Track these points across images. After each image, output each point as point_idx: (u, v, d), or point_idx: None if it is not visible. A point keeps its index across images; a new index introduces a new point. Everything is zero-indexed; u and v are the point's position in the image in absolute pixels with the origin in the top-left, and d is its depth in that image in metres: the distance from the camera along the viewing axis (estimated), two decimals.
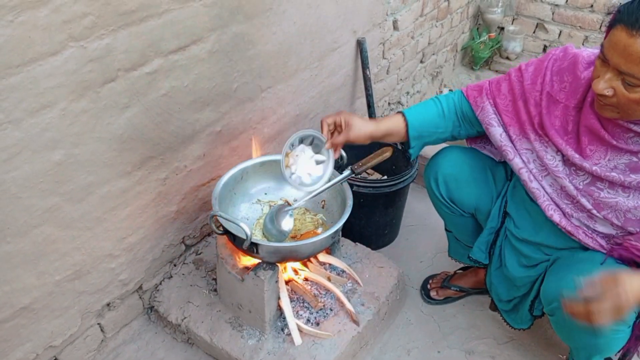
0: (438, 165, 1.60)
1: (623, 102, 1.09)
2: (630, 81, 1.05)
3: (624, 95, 1.08)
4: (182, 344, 1.67)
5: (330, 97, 2.23)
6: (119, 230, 1.50)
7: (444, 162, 1.59)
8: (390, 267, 1.78)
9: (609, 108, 1.15)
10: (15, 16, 1.03)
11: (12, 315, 1.31)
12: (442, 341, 1.77)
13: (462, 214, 1.64)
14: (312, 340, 1.54)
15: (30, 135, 1.16)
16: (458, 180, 1.57)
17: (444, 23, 3.07)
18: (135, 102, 1.36)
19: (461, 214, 1.64)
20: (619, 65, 1.05)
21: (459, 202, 1.60)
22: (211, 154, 1.69)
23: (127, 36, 1.27)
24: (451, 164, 1.58)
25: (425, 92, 3.24)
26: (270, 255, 1.44)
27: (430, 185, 1.63)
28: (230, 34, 1.55)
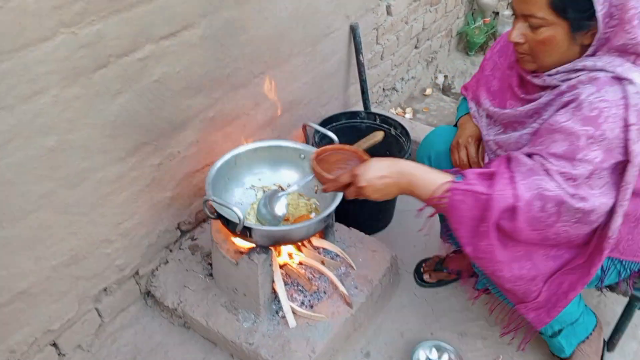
0: (431, 143, 1.65)
1: (533, 45, 1.19)
2: (533, 22, 1.15)
3: (532, 39, 1.18)
4: (179, 328, 1.70)
5: (324, 83, 2.24)
6: (114, 216, 1.51)
7: (437, 139, 1.64)
8: (383, 251, 1.81)
9: (526, 58, 1.24)
10: (5, 2, 1.04)
11: (10, 299, 1.33)
12: (435, 323, 1.79)
13: None
14: (306, 323, 1.56)
15: (23, 122, 1.17)
16: (450, 157, 1.60)
17: (438, 8, 3.07)
18: (127, 88, 1.37)
19: None
20: (522, 10, 1.16)
21: None
22: (205, 140, 1.70)
23: (117, 22, 1.27)
24: (443, 141, 1.62)
25: (420, 77, 3.25)
26: (263, 239, 1.46)
27: (423, 163, 1.65)
28: (221, 20, 1.56)
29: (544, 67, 1.23)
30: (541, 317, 1.30)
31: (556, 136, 1.12)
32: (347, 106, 2.50)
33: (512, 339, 1.59)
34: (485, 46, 3.61)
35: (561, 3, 1.10)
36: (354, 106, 2.54)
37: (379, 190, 1.18)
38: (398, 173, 1.17)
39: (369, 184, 1.17)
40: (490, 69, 1.50)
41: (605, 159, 1.09)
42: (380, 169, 1.18)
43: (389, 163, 1.20)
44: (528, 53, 1.23)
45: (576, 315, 1.45)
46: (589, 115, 1.08)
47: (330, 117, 2.18)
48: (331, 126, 2.17)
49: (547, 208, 1.10)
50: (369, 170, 1.18)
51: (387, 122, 2.18)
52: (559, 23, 1.13)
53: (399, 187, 1.18)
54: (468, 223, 1.15)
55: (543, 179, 1.10)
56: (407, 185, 1.17)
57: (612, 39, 1.12)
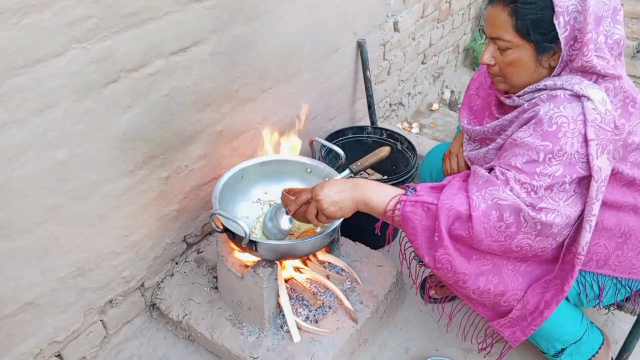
0: (432, 160, 1.68)
1: (502, 66, 1.24)
2: (501, 45, 1.21)
3: (501, 60, 1.23)
4: (183, 341, 1.70)
5: (331, 98, 2.26)
6: (121, 228, 1.53)
7: (438, 156, 1.66)
8: (389, 266, 1.80)
9: (498, 79, 1.30)
10: (20, 18, 1.06)
11: (17, 310, 1.34)
12: (441, 340, 1.78)
13: None
14: (310, 338, 1.56)
15: (34, 135, 1.19)
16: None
17: (445, 24, 3.09)
18: (137, 103, 1.39)
19: None
20: (491, 33, 1.22)
21: None
22: (212, 154, 1.72)
23: (129, 38, 1.30)
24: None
25: (426, 93, 3.26)
26: (269, 253, 1.46)
27: (425, 179, 1.70)
28: (231, 36, 1.58)
29: (515, 87, 1.27)
30: (517, 335, 1.32)
31: (517, 150, 1.15)
32: (353, 121, 2.51)
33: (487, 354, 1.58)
34: None
35: (524, 26, 1.15)
36: (360, 121, 2.56)
37: (334, 202, 1.23)
38: (352, 187, 1.23)
39: (325, 197, 1.23)
40: (476, 88, 1.54)
41: (567, 172, 1.11)
42: (336, 184, 1.25)
43: (345, 179, 1.28)
44: (499, 74, 1.28)
45: (579, 334, 1.44)
46: (548, 131, 1.11)
47: (337, 132, 2.20)
48: (338, 141, 2.18)
49: (505, 218, 1.12)
50: (325, 185, 1.25)
51: (393, 137, 2.19)
52: (524, 45, 1.18)
53: (353, 200, 1.22)
54: (421, 234, 1.18)
55: (499, 188, 1.12)
56: (361, 198, 1.22)
57: (573, 60, 1.16)
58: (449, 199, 1.14)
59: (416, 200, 1.16)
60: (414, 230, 1.18)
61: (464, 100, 1.59)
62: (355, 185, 1.23)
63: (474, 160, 1.42)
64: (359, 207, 1.24)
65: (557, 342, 1.43)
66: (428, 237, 1.18)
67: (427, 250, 1.20)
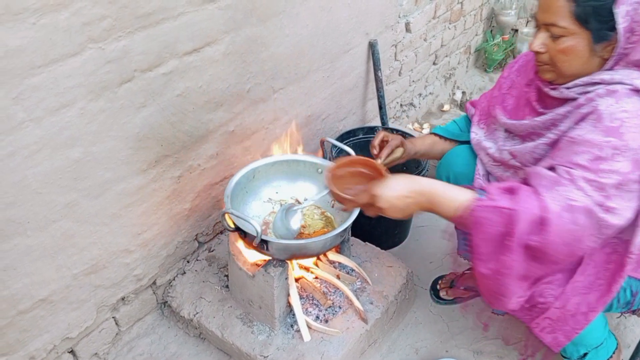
0: (450, 164, 1.64)
1: (553, 54, 1.20)
2: (555, 32, 1.16)
3: (553, 48, 1.19)
4: (194, 339, 1.71)
5: (342, 99, 2.26)
6: (134, 227, 1.54)
7: (456, 161, 1.63)
8: (399, 267, 1.80)
9: (545, 68, 1.25)
10: (38, 19, 1.08)
11: (31, 306, 1.36)
12: (451, 341, 1.78)
13: None
14: (320, 337, 1.56)
15: (51, 134, 1.21)
16: (470, 178, 1.59)
17: (457, 25, 3.08)
18: (151, 102, 1.41)
19: None
20: (544, 19, 1.18)
21: None
22: (224, 153, 1.73)
23: (143, 38, 1.31)
24: (463, 162, 1.61)
25: (437, 93, 3.25)
26: (280, 253, 1.47)
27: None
28: (243, 36, 1.59)
29: (563, 77, 1.23)
30: (559, 340, 1.28)
31: (578, 148, 1.11)
32: (364, 121, 2.52)
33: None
34: (503, 63, 3.60)
35: (584, 13, 1.11)
36: (371, 121, 2.56)
37: (399, 210, 1.17)
38: (418, 192, 1.16)
39: (389, 204, 1.17)
40: (508, 87, 1.50)
41: (633, 169, 1.07)
42: (400, 188, 1.17)
43: (408, 181, 1.18)
44: (548, 63, 1.23)
45: (602, 338, 1.42)
46: (610, 126, 1.08)
47: (348, 132, 2.20)
48: (348, 141, 2.18)
49: (577, 220, 1.07)
50: (388, 189, 1.17)
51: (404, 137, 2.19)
52: (581, 33, 1.14)
53: (419, 206, 1.17)
54: (492, 239, 1.12)
55: (567, 188, 1.08)
56: (427, 203, 1.17)
57: (631, 53, 1.13)
58: (527, 203, 1.09)
59: (492, 206, 1.11)
60: (485, 235, 1.12)
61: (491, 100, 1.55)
62: (421, 190, 1.16)
63: (517, 154, 1.37)
64: (424, 210, 1.19)
65: (582, 347, 1.42)
66: (498, 242, 1.12)
67: (491, 255, 1.14)
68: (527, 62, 1.47)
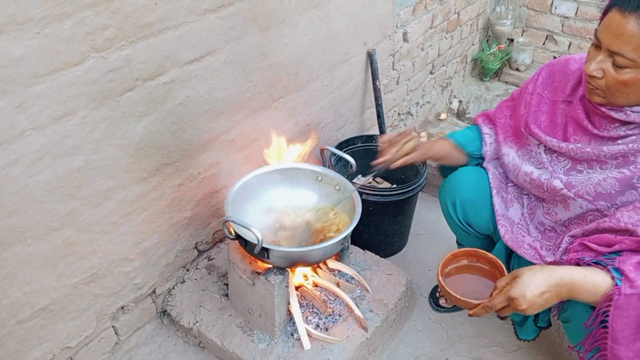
0: (456, 189, 1.59)
1: (611, 83, 1.14)
2: (620, 61, 1.10)
3: (612, 77, 1.13)
4: (194, 348, 1.70)
5: (341, 107, 2.27)
6: (134, 235, 1.54)
7: (463, 186, 1.59)
8: (398, 275, 1.81)
9: (597, 92, 1.20)
10: (42, 28, 1.09)
11: (31, 315, 1.35)
12: (450, 349, 1.78)
13: (478, 235, 1.64)
14: (321, 345, 1.56)
15: (53, 142, 1.21)
16: (476, 205, 1.57)
17: (453, 35, 3.11)
18: (152, 111, 1.41)
19: (477, 235, 1.65)
20: (610, 45, 1.10)
21: (476, 226, 1.60)
22: (224, 162, 1.74)
23: (145, 47, 1.32)
24: (470, 188, 1.57)
25: (435, 102, 3.27)
26: (280, 260, 1.47)
27: (447, 208, 1.63)
28: (244, 46, 1.60)
29: (615, 105, 1.20)
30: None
31: None
32: (362, 130, 2.53)
33: None
34: (499, 72, 3.64)
35: None
36: (369, 130, 2.57)
37: (540, 307, 1.13)
38: (558, 284, 1.12)
39: (531, 304, 1.12)
40: (537, 103, 1.43)
41: None
42: (539, 286, 1.12)
43: (545, 275, 1.13)
44: (601, 88, 1.18)
45: None
46: None
47: (347, 140, 2.21)
48: (347, 149, 2.19)
49: None
50: (526, 289, 1.11)
51: None
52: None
53: (560, 298, 1.14)
54: (633, 324, 1.09)
55: None
56: (567, 294, 1.13)
57: None
58: None
59: (634, 294, 1.06)
60: (626, 319, 1.08)
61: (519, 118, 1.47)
62: (560, 283, 1.12)
63: (576, 185, 1.31)
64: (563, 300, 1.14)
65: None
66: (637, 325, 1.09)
67: (631, 338, 1.10)
68: (552, 74, 1.42)
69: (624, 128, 1.22)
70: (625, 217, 1.19)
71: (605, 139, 1.26)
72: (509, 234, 1.49)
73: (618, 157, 1.24)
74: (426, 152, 1.55)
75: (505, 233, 1.49)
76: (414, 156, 1.52)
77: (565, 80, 1.38)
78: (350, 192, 1.58)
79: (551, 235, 1.45)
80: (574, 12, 3.30)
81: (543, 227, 1.46)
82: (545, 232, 1.46)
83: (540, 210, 1.46)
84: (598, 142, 1.28)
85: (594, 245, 1.21)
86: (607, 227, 1.24)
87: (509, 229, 1.50)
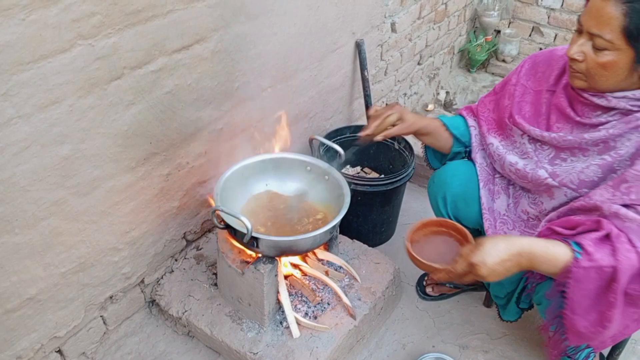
0: (446, 184, 1.60)
1: (591, 66, 1.17)
2: (599, 43, 1.13)
3: (592, 59, 1.16)
4: (183, 337, 1.71)
5: (329, 97, 2.28)
6: (122, 225, 1.54)
7: (453, 180, 1.59)
8: (386, 264, 1.82)
9: (579, 76, 1.22)
10: (27, 14, 1.07)
11: (19, 305, 1.35)
12: (437, 336, 1.81)
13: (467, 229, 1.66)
14: (310, 333, 1.58)
15: (39, 130, 1.20)
16: (466, 199, 1.57)
17: (441, 26, 3.12)
18: (140, 100, 1.40)
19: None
20: (590, 27, 1.14)
21: (466, 220, 1.60)
22: (212, 151, 1.73)
23: (133, 35, 1.31)
24: (460, 182, 1.58)
25: (422, 93, 3.29)
26: (269, 250, 1.48)
27: (437, 203, 1.63)
28: (232, 34, 1.60)
29: (595, 89, 1.21)
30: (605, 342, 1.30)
31: None
32: (351, 120, 2.54)
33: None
34: (486, 63, 3.66)
35: (636, 30, 1.08)
36: (358, 120, 2.58)
37: (500, 274, 1.16)
38: (518, 254, 1.14)
39: (490, 271, 1.14)
40: (521, 94, 1.45)
41: None
42: (500, 253, 1.14)
43: (506, 244, 1.15)
44: (582, 72, 1.20)
45: None
46: None
47: (335, 130, 2.22)
48: (335, 139, 2.20)
49: None
50: (488, 256, 1.14)
51: None
52: (626, 50, 1.11)
53: (519, 267, 1.16)
54: (591, 295, 1.12)
55: None
56: (528, 264, 1.16)
57: None
58: (626, 258, 1.08)
59: (593, 267, 1.10)
60: (583, 291, 1.12)
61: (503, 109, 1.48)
62: (520, 252, 1.14)
63: (561, 174, 1.33)
64: (523, 269, 1.17)
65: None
66: (596, 296, 1.12)
67: (590, 309, 1.14)
68: (535, 65, 1.44)
69: (605, 115, 1.24)
70: (597, 195, 1.22)
71: (587, 126, 1.28)
72: (492, 228, 1.51)
73: (599, 144, 1.25)
74: (413, 124, 1.53)
75: (488, 227, 1.51)
76: (398, 129, 1.51)
77: (549, 70, 1.40)
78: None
79: (534, 223, 1.47)
80: (560, 3, 3.33)
81: (526, 216, 1.49)
82: (529, 220, 1.48)
83: (526, 200, 1.48)
84: (580, 129, 1.30)
85: (560, 228, 1.24)
86: (579, 206, 1.27)
87: (492, 223, 1.52)
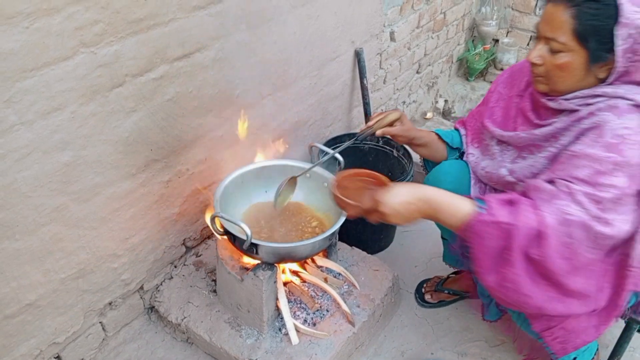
0: (440, 182, 1.60)
1: (549, 68, 1.22)
2: (554, 46, 1.18)
3: (550, 62, 1.21)
4: (182, 344, 1.71)
5: (329, 105, 2.29)
6: (122, 231, 1.54)
7: (445, 178, 1.61)
8: (385, 271, 1.83)
9: (540, 80, 1.27)
10: (31, 22, 1.09)
11: (18, 311, 1.35)
12: (436, 343, 1.81)
13: None
14: (308, 340, 1.58)
15: (41, 137, 1.21)
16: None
17: (439, 35, 3.15)
18: (141, 107, 1.42)
19: None
20: (546, 32, 1.19)
21: None
22: (213, 158, 1.74)
23: (135, 43, 1.32)
24: (452, 180, 1.59)
25: (421, 101, 3.31)
26: (269, 256, 1.48)
27: None
28: (233, 42, 1.61)
29: (556, 91, 1.26)
30: (567, 349, 1.31)
31: (579, 162, 1.13)
32: (350, 128, 2.55)
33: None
34: (485, 72, 3.68)
35: (585, 32, 1.13)
36: (357, 128, 2.59)
37: (402, 216, 1.20)
38: (422, 199, 1.18)
39: (392, 210, 1.19)
40: (495, 100, 1.51)
41: (630, 184, 1.10)
42: (404, 195, 1.19)
43: (412, 188, 1.20)
44: (543, 75, 1.25)
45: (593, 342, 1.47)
46: (611, 142, 1.10)
47: (334, 138, 2.23)
48: (335, 147, 2.21)
49: (573, 234, 1.10)
50: (391, 196, 1.19)
51: (389, 143, 2.23)
52: (579, 51, 1.16)
53: (422, 213, 1.20)
54: (491, 252, 1.14)
55: (565, 202, 1.11)
56: (430, 211, 1.19)
57: (633, 73, 1.16)
58: (525, 217, 1.11)
59: (491, 221, 1.12)
60: (485, 248, 1.15)
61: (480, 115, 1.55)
62: (423, 198, 1.18)
63: (516, 170, 1.38)
64: (425, 218, 1.21)
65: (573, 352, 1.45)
66: (497, 255, 1.15)
67: (492, 268, 1.16)
68: (512, 74, 1.49)
69: (559, 116, 1.27)
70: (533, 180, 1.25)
71: (541, 127, 1.32)
72: None
73: (550, 139, 1.29)
74: (411, 129, 1.58)
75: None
76: (397, 129, 1.55)
77: (521, 76, 1.44)
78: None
79: None
80: None
81: None
82: None
83: None
84: (534, 129, 1.34)
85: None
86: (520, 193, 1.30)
87: None
